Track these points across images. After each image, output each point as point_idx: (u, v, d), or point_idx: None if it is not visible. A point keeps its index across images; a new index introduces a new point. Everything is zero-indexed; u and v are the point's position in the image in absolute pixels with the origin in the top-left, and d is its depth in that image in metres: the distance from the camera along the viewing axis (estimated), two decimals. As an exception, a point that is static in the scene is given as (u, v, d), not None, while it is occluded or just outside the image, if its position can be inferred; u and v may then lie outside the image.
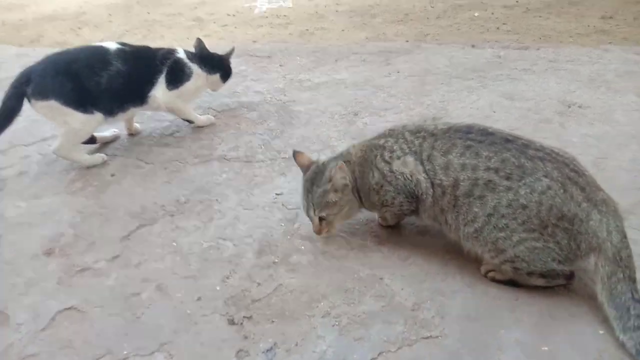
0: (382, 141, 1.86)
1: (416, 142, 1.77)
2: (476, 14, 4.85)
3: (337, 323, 1.62)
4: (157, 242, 2.01)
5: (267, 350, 1.55)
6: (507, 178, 1.58)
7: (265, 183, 2.33)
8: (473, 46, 3.75)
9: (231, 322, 1.65)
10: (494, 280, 1.72)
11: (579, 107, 2.74)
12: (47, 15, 5.91)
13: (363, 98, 3.05)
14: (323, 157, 2.07)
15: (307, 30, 4.81)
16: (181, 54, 2.71)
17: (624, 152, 2.34)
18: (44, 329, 1.66)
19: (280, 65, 3.69)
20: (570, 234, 1.54)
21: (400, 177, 1.77)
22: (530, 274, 1.63)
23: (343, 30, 4.74)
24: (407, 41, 4.15)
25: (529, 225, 1.55)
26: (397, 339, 1.56)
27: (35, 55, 2.53)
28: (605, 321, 1.54)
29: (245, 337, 1.60)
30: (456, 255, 1.82)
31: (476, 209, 1.62)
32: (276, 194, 2.25)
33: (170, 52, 2.69)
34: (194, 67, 2.73)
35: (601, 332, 1.53)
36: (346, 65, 3.58)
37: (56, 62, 2.38)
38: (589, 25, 4.24)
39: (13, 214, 2.21)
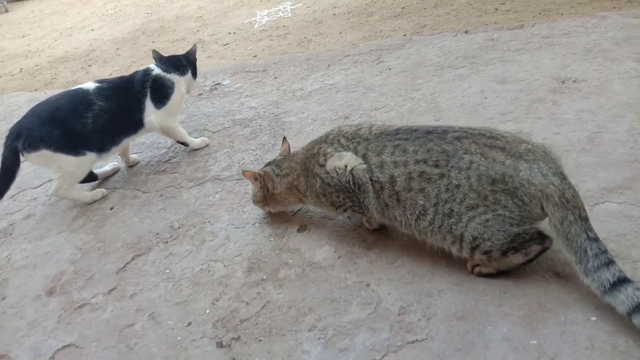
0: (315, 149, 1.95)
1: (351, 146, 1.85)
2: (474, -3, 4.75)
3: (322, 336, 1.61)
4: (151, 271, 2.05)
5: (254, 370, 1.56)
6: (436, 165, 1.62)
7: (256, 199, 2.34)
8: (466, 32, 3.66)
9: (219, 344, 1.66)
10: (481, 275, 1.68)
11: (574, 81, 2.63)
12: (59, 57, 6.15)
13: (354, 100, 3.03)
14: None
15: (305, 37, 4.83)
16: (156, 70, 2.74)
17: (620, 124, 2.23)
18: (43, 368, 1.72)
19: (274, 78, 3.71)
20: (510, 193, 1.52)
21: (334, 174, 1.83)
22: (503, 253, 1.58)
23: (340, 33, 4.73)
24: (405, 35, 4.10)
25: (469, 202, 1.56)
26: (382, 346, 1.53)
27: (45, 97, 2.61)
28: (598, 307, 1.48)
29: (233, 359, 1.60)
30: (444, 254, 1.77)
31: (421, 202, 1.65)
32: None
33: (146, 72, 2.72)
34: (174, 77, 2.77)
35: (593, 318, 1.47)
36: (338, 69, 3.56)
37: (40, 113, 2.44)
38: (591, -8, 4.07)
39: (19, 257, 2.30)
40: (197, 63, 2.97)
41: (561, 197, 1.47)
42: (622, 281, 1.40)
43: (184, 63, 2.87)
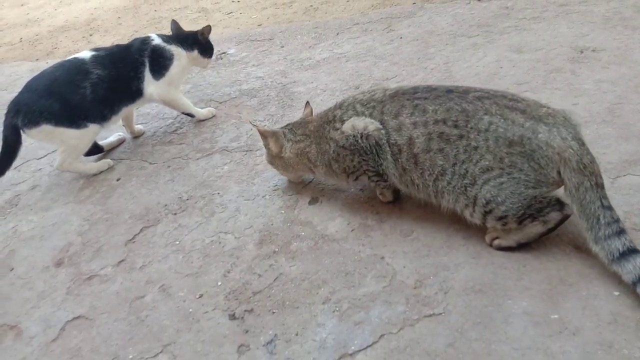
0: (330, 115, 1.91)
1: (366, 112, 1.79)
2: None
3: (337, 309, 1.58)
4: (160, 243, 2.02)
5: (268, 343, 1.53)
6: (455, 126, 1.58)
7: (266, 171, 2.29)
8: (479, 0, 3.55)
9: (232, 317, 1.64)
10: (500, 248, 1.64)
11: (593, 51, 2.55)
12: (60, 26, 6.02)
13: (364, 70, 2.95)
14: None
15: (312, 6, 4.70)
16: (156, 40, 2.65)
17: (643, 95, 2.16)
18: (54, 340, 1.70)
19: (281, 47, 3.61)
20: (526, 155, 1.48)
21: (350, 132, 1.78)
22: (520, 220, 1.55)
23: (348, 1, 4.59)
24: (415, 3, 3.98)
25: (484, 164, 1.53)
26: (399, 319, 1.50)
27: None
28: (621, 282, 1.43)
29: (246, 331, 1.58)
30: (461, 226, 1.73)
31: (440, 162, 1.61)
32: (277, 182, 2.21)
33: (145, 41, 2.63)
34: (173, 48, 2.68)
35: (616, 293, 1.43)
36: (347, 38, 3.47)
37: (37, 87, 2.36)
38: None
39: (25, 229, 2.27)
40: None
41: (579, 162, 1.45)
42: (632, 251, 1.40)
43: (192, 40, 2.77)
